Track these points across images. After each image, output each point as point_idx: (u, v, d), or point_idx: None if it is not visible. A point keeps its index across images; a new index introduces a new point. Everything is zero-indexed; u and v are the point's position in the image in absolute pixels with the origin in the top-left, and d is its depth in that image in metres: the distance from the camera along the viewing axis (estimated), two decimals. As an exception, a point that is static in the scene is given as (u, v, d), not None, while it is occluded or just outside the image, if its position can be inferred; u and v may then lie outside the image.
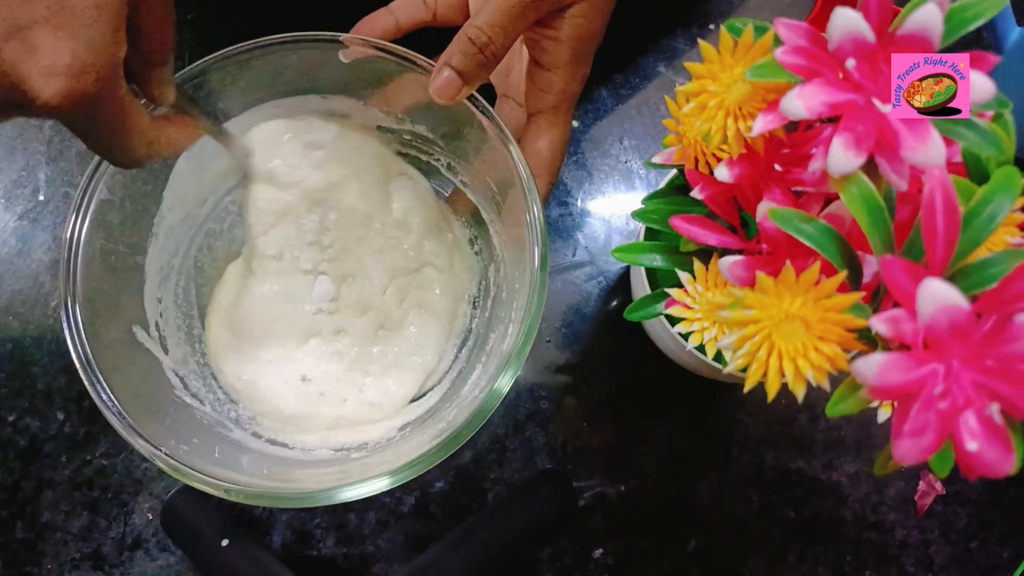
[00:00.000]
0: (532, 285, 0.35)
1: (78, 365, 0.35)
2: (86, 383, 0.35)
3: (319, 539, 0.46)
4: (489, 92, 0.43)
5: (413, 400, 0.45)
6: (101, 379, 0.35)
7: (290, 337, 0.44)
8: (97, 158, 0.37)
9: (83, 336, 0.35)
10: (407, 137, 0.45)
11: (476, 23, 0.34)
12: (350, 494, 0.33)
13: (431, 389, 0.45)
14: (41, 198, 0.51)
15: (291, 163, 0.42)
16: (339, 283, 0.45)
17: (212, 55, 0.38)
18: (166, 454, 0.34)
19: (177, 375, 0.41)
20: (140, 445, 0.34)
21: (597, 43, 0.38)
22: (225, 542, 0.42)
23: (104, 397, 0.35)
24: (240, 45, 0.38)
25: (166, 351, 0.41)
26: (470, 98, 0.38)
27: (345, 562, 0.46)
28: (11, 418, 0.47)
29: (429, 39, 0.37)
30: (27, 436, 0.47)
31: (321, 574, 0.45)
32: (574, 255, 0.51)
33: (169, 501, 0.44)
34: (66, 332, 0.35)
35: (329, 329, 0.45)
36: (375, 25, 0.40)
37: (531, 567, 0.46)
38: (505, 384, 0.34)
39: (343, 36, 0.38)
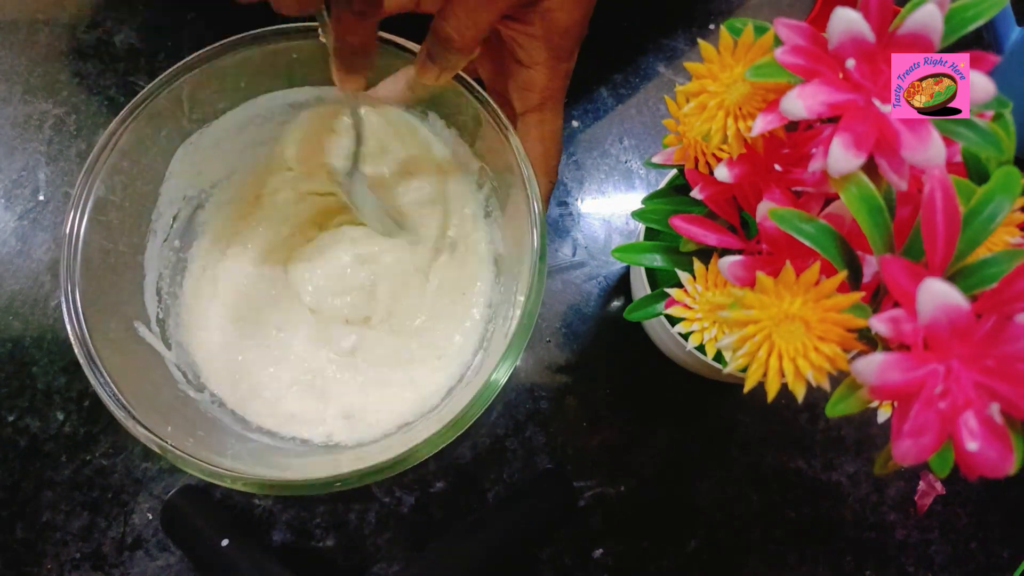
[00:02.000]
0: (531, 275, 0.35)
1: (83, 361, 0.35)
2: (91, 378, 0.35)
3: (319, 539, 0.46)
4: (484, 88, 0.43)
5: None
6: (106, 375, 0.35)
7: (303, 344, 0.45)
8: (94, 154, 0.37)
9: (85, 333, 0.35)
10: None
11: (441, 15, 0.34)
12: (348, 484, 0.33)
13: None
14: (41, 198, 0.51)
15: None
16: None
17: (203, 50, 0.38)
18: (173, 447, 0.34)
19: (180, 369, 0.41)
20: (152, 440, 0.34)
21: (578, 36, 0.37)
22: (225, 542, 0.42)
23: (108, 392, 0.35)
24: (225, 41, 0.39)
25: (168, 346, 0.41)
26: (468, 87, 0.38)
27: (345, 562, 0.46)
28: (11, 418, 0.47)
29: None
30: (27, 436, 0.47)
31: (321, 574, 0.45)
32: (574, 255, 0.51)
33: (169, 501, 0.44)
34: (68, 330, 0.35)
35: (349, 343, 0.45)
36: None
37: (531, 567, 0.46)
38: (502, 376, 0.34)
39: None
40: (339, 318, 0.45)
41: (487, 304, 0.45)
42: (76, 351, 0.35)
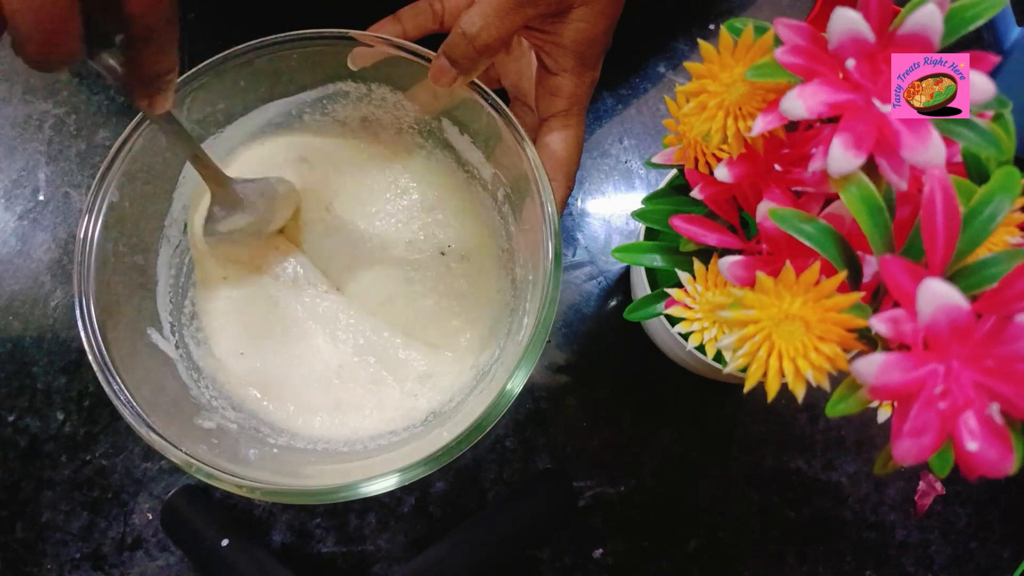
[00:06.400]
0: (546, 283, 0.35)
1: (97, 371, 0.35)
2: (108, 391, 0.34)
3: (319, 539, 0.46)
4: (504, 97, 0.43)
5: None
6: (123, 386, 0.35)
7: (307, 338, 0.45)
8: (108, 159, 0.37)
9: (99, 339, 0.35)
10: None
11: (468, 13, 0.35)
12: (355, 492, 0.33)
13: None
14: (41, 198, 0.51)
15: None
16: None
17: (217, 56, 0.38)
18: (193, 458, 0.34)
19: (192, 377, 0.41)
20: (177, 455, 0.34)
21: (604, 46, 0.38)
22: (225, 542, 0.42)
23: (123, 398, 0.34)
24: (244, 45, 0.38)
25: (181, 353, 0.41)
26: (485, 97, 0.38)
27: (345, 562, 0.46)
28: (11, 418, 0.47)
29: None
30: (27, 436, 0.47)
31: (321, 574, 0.45)
32: (574, 255, 0.51)
33: (169, 501, 0.44)
34: (82, 336, 0.35)
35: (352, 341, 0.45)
36: (381, 32, 0.41)
37: (531, 567, 0.46)
38: (517, 384, 0.34)
39: (353, 32, 0.38)
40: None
41: (501, 312, 0.45)
42: (91, 359, 0.35)
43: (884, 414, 0.26)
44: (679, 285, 0.32)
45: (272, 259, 0.45)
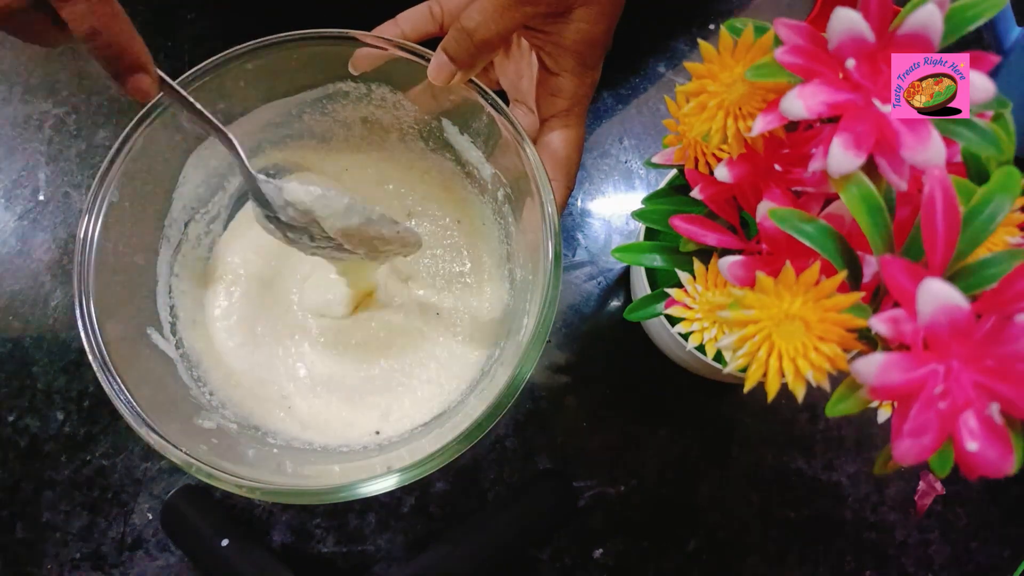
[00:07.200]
0: (546, 283, 0.35)
1: (98, 371, 0.35)
2: (108, 391, 0.34)
3: (319, 539, 0.46)
4: (503, 99, 0.44)
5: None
6: (122, 384, 0.35)
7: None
8: (108, 159, 0.37)
9: (99, 339, 0.35)
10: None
11: (468, 10, 0.35)
12: (355, 492, 0.33)
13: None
14: (41, 198, 0.51)
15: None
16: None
17: (217, 56, 0.38)
18: (193, 458, 0.34)
19: (192, 377, 0.41)
20: (178, 455, 0.34)
21: (604, 47, 0.38)
22: (225, 542, 0.42)
23: (123, 398, 0.34)
24: (244, 45, 0.38)
25: (181, 353, 0.41)
26: (485, 97, 0.38)
27: (345, 562, 0.46)
28: (11, 418, 0.47)
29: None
30: (27, 436, 0.47)
31: (321, 574, 0.45)
32: (574, 255, 0.51)
33: (169, 501, 0.44)
34: (82, 337, 0.35)
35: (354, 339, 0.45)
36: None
37: (531, 567, 0.46)
38: (517, 384, 0.34)
39: (353, 32, 0.38)
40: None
41: (501, 311, 0.45)
42: (91, 358, 0.35)
43: (884, 414, 0.26)
44: (679, 285, 0.32)
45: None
